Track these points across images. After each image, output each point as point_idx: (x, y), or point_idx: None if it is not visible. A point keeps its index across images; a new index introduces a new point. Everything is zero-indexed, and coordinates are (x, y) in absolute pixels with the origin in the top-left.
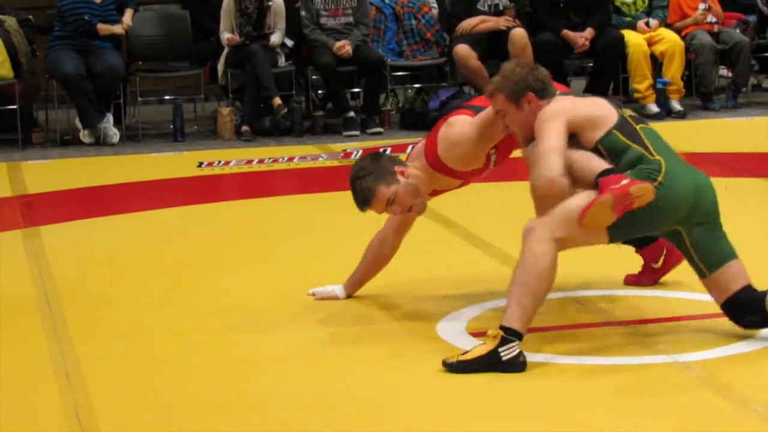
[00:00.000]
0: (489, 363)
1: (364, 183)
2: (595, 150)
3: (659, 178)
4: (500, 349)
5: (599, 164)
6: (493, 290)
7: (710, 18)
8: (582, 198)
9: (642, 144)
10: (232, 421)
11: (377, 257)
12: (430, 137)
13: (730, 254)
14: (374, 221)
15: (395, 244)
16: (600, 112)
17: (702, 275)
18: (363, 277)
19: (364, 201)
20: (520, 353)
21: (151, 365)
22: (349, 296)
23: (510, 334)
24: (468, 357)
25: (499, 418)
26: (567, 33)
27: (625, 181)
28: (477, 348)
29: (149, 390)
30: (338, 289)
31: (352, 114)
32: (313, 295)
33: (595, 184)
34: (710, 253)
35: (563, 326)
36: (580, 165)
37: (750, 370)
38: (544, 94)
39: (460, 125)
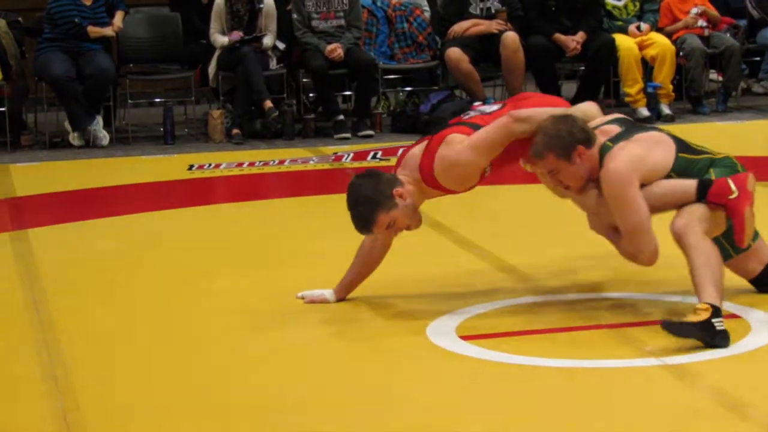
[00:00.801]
0: (703, 330)
1: (363, 211)
2: (668, 177)
3: (740, 167)
4: (713, 321)
5: (676, 186)
6: (482, 293)
7: (701, 22)
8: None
9: (699, 151)
10: (222, 423)
11: (369, 260)
12: (427, 153)
13: (755, 236)
14: None
15: (386, 246)
16: (662, 149)
17: (728, 256)
18: (354, 279)
19: (364, 228)
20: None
21: (139, 368)
22: (339, 300)
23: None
24: (686, 319)
25: (486, 420)
26: (559, 37)
27: (733, 184)
28: (690, 316)
29: (138, 393)
30: (328, 293)
31: (342, 117)
32: (302, 298)
33: (703, 200)
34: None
35: (550, 329)
36: (662, 201)
37: (738, 372)
38: (590, 143)
39: (458, 147)
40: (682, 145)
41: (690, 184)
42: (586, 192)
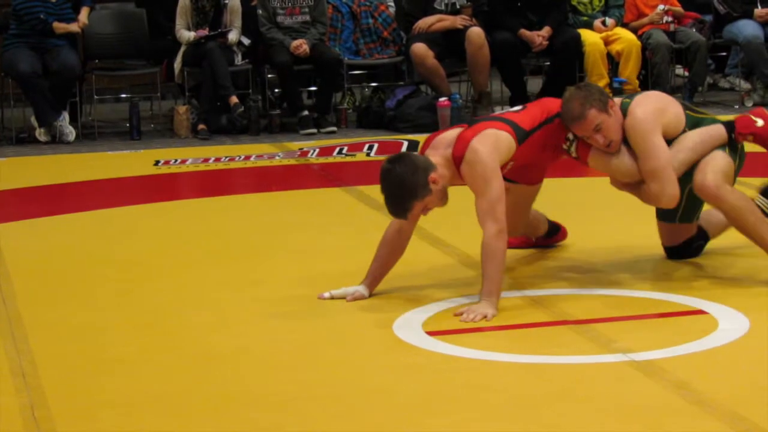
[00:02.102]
0: None
1: (400, 198)
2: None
3: None
4: None
5: (706, 132)
6: (448, 288)
7: (666, 18)
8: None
9: (699, 111)
10: (190, 419)
11: (396, 248)
12: (462, 140)
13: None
14: (332, 220)
15: (410, 235)
16: (675, 106)
17: (669, 219)
18: (383, 271)
19: (400, 214)
20: None
21: (108, 363)
22: (371, 294)
23: None
24: None
25: (451, 416)
26: (524, 32)
27: (754, 116)
28: None
29: (106, 388)
30: (361, 288)
31: (306, 113)
32: (332, 298)
33: (733, 135)
34: (696, 207)
35: (519, 325)
36: (701, 148)
37: (706, 368)
38: (611, 97)
39: (487, 150)
40: (684, 105)
41: (718, 127)
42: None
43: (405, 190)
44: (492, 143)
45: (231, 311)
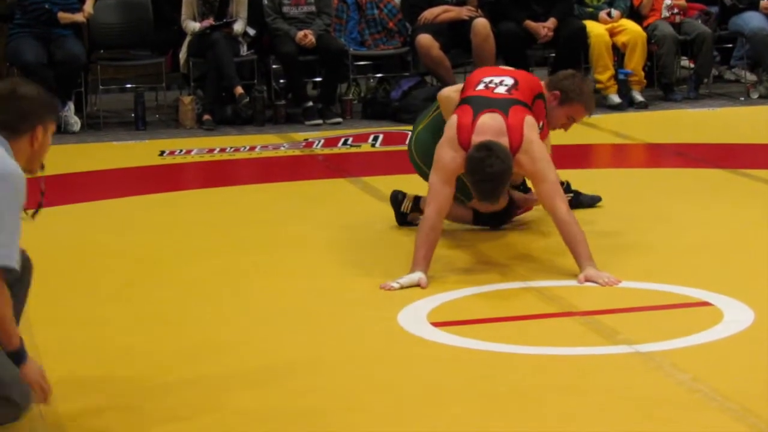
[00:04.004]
0: None
1: (498, 186)
2: None
3: None
4: None
5: None
6: (454, 280)
7: (670, 11)
8: None
9: None
10: (193, 409)
11: (439, 232)
12: (514, 131)
13: None
14: (337, 211)
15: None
16: None
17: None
18: (431, 252)
19: (493, 201)
20: None
21: (111, 354)
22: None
23: None
24: None
25: (457, 407)
26: (529, 23)
27: None
28: None
29: (109, 378)
30: (417, 275)
31: (311, 103)
32: (401, 287)
33: None
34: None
35: (524, 316)
36: None
37: (711, 359)
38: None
39: (537, 138)
40: None
41: None
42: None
43: (506, 177)
44: (536, 130)
45: (234, 302)
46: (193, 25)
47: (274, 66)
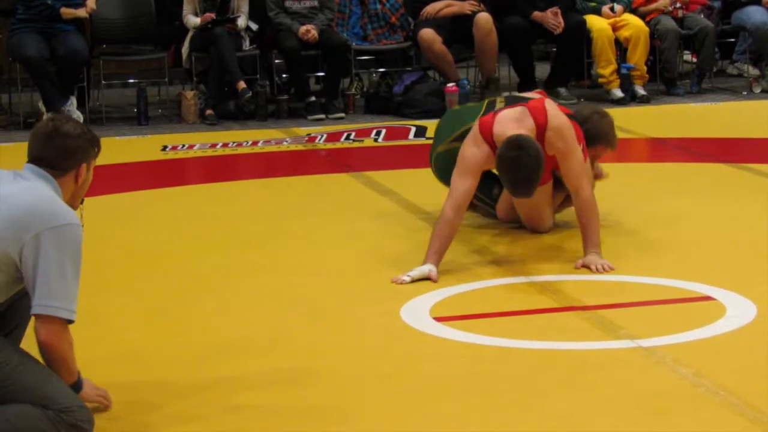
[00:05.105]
0: None
1: (537, 180)
2: None
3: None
4: None
5: None
6: (456, 274)
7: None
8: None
9: None
10: (197, 406)
11: (456, 228)
12: (538, 111)
13: None
14: (340, 205)
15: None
16: None
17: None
18: (446, 249)
19: (529, 194)
20: None
21: (113, 349)
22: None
23: None
24: None
25: (460, 402)
26: (537, 14)
27: None
28: None
29: (112, 374)
30: (427, 268)
31: (314, 98)
32: (412, 281)
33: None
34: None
35: (526, 311)
36: None
37: (714, 354)
38: None
39: (564, 116)
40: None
41: None
42: None
43: (540, 170)
44: (559, 111)
45: (237, 298)
46: (194, 20)
47: (276, 61)
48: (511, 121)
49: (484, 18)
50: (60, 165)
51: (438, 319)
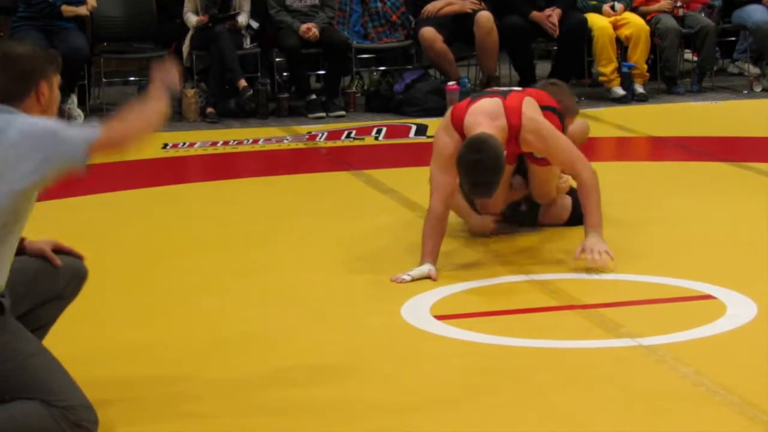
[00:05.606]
0: None
1: (497, 182)
2: None
3: None
4: None
5: None
6: (456, 273)
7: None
8: None
9: None
10: (199, 404)
11: (446, 224)
12: (513, 111)
13: None
14: (340, 204)
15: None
16: None
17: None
18: (439, 247)
19: (490, 195)
20: None
21: (114, 347)
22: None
23: None
24: None
25: (461, 400)
26: (535, 14)
27: None
28: None
29: (114, 373)
30: (426, 267)
31: (314, 96)
32: (412, 280)
33: None
34: None
35: (526, 309)
36: None
37: (714, 353)
38: None
39: (540, 115)
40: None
41: None
42: None
43: (499, 172)
44: (538, 110)
45: (238, 296)
46: (195, 19)
47: (277, 59)
48: (483, 115)
49: (485, 16)
50: (18, 90)
51: (438, 317)
